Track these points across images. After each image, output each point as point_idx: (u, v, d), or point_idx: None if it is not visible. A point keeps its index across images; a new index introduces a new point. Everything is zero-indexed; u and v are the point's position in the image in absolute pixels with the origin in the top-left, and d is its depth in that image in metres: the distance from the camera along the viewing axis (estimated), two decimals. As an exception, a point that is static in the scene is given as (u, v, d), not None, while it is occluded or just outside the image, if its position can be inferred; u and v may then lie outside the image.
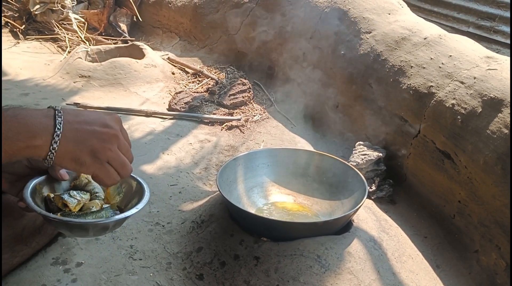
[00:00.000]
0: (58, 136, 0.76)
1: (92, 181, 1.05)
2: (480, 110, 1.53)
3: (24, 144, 0.75)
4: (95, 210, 0.96)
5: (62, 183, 1.02)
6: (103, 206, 1.00)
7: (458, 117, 1.58)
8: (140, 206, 0.94)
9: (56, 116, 0.78)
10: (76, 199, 0.96)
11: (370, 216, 1.54)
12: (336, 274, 1.24)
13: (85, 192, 1.00)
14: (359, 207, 1.36)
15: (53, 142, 0.76)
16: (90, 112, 0.84)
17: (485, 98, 1.53)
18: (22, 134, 0.74)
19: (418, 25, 2.03)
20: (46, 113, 0.78)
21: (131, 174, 1.03)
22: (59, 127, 0.77)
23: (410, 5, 2.41)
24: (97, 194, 1.02)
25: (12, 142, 0.73)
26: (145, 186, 1.01)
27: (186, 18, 3.35)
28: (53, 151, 0.77)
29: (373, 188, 1.79)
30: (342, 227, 1.41)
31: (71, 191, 0.98)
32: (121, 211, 1.01)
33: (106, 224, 0.92)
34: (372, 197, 1.79)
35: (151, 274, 1.32)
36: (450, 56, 1.77)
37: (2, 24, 3.56)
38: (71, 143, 0.78)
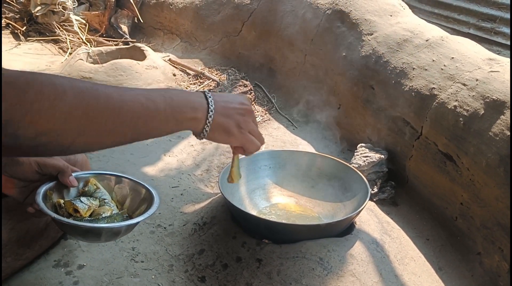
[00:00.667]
0: (212, 111, 0.89)
1: (101, 187, 1.05)
2: (483, 112, 1.52)
3: (191, 116, 0.86)
4: (106, 215, 0.97)
5: (70, 190, 1.03)
6: (113, 212, 1.01)
7: (460, 119, 1.58)
8: (151, 211, 0.97)
9: (207, 96, 0.90)
10: (87, 204, 0.97)
11: (372, 218, 1.53)
12: (339, 277, 1.24)
13: (94, 198, 1.01)
14: (362, 209, 1.36)
15: (208, 116, 0.88)
16: (228, 94, 1.03)
17: (488, 100, 1.53)
18: (188, 107, 0.86)
19: (419, 27, 2.03)
20: (198, 94, 0.90)
21: (139, 182, 1.07)
22: (212, 105, 0.89)
23: (410, 7, 2.41)
24: (105, 201, 1.03)
25: (183, 113, 0.85)
26: (154, 192, 1.03)
27: (187, 19, 3.35)
28: (208, 124, 0.89)
29: (375, 190, 1.79)
30: (345, 229, 1.41)
31: (81, 197, 0.99)
32: (130, 218, 1.02)
33: (119, 229, 0.94)
34: (374, 199, 1.79)
35: (153, 277, 1.32)
36: (452, 58, 1.77)
37: (4, 25, 3.57)
38: (222, 117, 0.91)
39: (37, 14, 3.41)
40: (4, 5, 3.57)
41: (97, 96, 0.73)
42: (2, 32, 3.52)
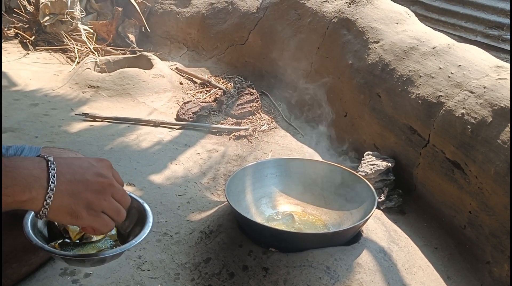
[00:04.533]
0: (52, 190, 0.72)
1: None
2: (491, 119, 1.51)
3: (11, 199, 0.69)
4: (94, 239, 0.94)
5: None
6: (107, 234, 0.96)
7: (468, 126, 1.57)
8: (137, 239, 0.91)
9: (49, 168, 0.73)
10: (78, 227, 0.93)
11: (379, 227, 1.52)
12: (346, 286, 1.23)
13: None
14: (369, 217, 1.35)
15: (47, 196, 0.71)
16: (82, 161, 0.81)
17: (495, 108, 1.52)
18: (9, 188, 0.68)
19: (426, 35, 2.03)
20: (38, 164, 0.73)
21: (139, 200, 1.01)
22: (53, 181, 0.72)
23: (417, 15, 2.41)
24: None
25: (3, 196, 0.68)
26: (149, 215, 0.97)
27: (194, 28, 3.37)
28: (46, 206, 0.72)
29: (382, 198, 1.78)
30: (352, 238, 1.40)
31: None
32: (123, 238, 0.99)
33: (103, 258, 0.89)
34: (381, 207, 1.78)
35: (159, 285, 1.32)
36: (459, 65, 1.76)
37: (12, 35, 3.61)
38: (66, 197, 0.74)
39: (46, 24, 3.44)
40: (13, 15, 3.61)
41: None
42: (11, 42, 3.56)
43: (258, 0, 2.96)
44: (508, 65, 1.70)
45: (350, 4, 2.39)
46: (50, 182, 0.72)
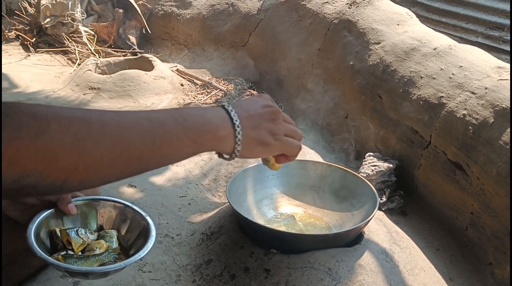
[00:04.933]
0: (239, 126, 0.79)
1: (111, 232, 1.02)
2: (492, 120, 1.51)
3: (211, 135, 0.76)
4: (98, 252, 0.94)
5: (70, 216, 1.00)
6: (109, 247, 0.97)
7: (470, 127, 1.57)
8: (141, 254, 0.91)
9: (228, 109, 0.80)
10: (82, 239, 0.93)
11: (381, 228, 1.52)
12: (348, 287, 1.23)
13: (92, 232, 0.98)
14: (370, 218, 1.34)
15: (236, 133, 0.79)
16: (246, 100, 0.88)
17: (497, 109, 1.52)
18: (207, 126, 0.76)
19: (427, 36, 2.03)
20: (217, 109, 0.81)
21: (142, 213, 1.01)
22: (236, 119, 0.79)
23: (418, 16, 2.41)
24: (106, 231, 0.99)
25: (201, 133, 0.75)
26: (152, 228, 0.97)
27: (195, 30, 3.37)
28: (239, 142, 0.79)
29: (384, 199, 1.77)
30: (353, 239, 1.40)
31: (79, 229, 0.95)
32: (124, 251, 0.99)
33: (106, 272, 0.90)
34: (383, 209, 1.77)
35: (160, 287, 1.31)
36: (461, 66, 1.76)
37: (13, 37, 3.62)
38: (251, 130, 0.81)
39: (47, 25, 3.45)
40: (14, 17, 3.62)
41: (89, 126, 0.64)
42: (12, 44, 3.57)
43: (259, 2, 2.96)
44: (509, 66, 1.70)
45: (351, 5, 2.39)
46: (235, 120, 0.79)
